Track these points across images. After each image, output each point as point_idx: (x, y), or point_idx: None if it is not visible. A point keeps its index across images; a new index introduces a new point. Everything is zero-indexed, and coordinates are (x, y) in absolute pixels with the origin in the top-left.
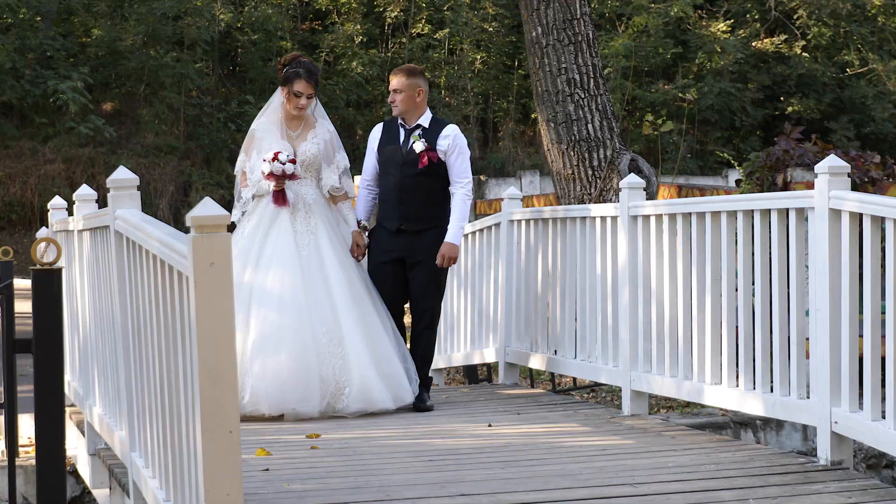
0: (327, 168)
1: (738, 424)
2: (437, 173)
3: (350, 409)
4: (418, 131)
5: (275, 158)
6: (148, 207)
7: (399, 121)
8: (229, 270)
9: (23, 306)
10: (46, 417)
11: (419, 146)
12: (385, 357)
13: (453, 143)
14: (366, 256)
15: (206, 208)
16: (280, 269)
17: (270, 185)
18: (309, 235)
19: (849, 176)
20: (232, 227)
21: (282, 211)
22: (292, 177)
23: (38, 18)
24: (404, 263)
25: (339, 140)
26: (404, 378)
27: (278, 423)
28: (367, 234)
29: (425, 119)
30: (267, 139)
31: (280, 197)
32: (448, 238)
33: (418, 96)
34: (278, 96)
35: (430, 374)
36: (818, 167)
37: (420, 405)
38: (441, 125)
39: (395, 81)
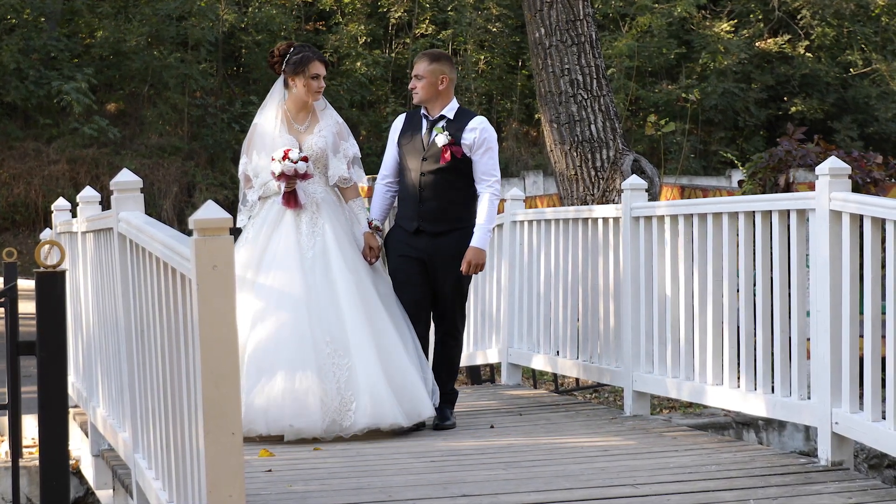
0: (334, 157)
1: (740, 425)
2: (461, 170)
3: (358, 425)
4: (442, 123)
5: (285, 157)
6: (152, 208)
7: (422, 111)
8: (232, 273)
9: (27, 307)
10: (50, 419)
11: (441, 139)
12: (399, 367)
13: (480, 138)
14: (379, 259)
15: (209, 211)
16: (280, 273)
17: (282, 186)
18: (315, 237)
19: (849, 177)
20: (238, 232)
21: (287, 211)
22: (305, 176)
23: (43, 19)
24: (426, 266)
25: (348, 129)
26: (422, 390)
27: None
28: (380, 235)
29: (450, 110)
30: (270, 135)
31: (292, 198)
32: (474, 242)
33: (441, 84)
34: (279, 90)
35: (454, 388)
36: (819, 169)
37: (441, 423)
38: (467, 117)
39: (418, 67)
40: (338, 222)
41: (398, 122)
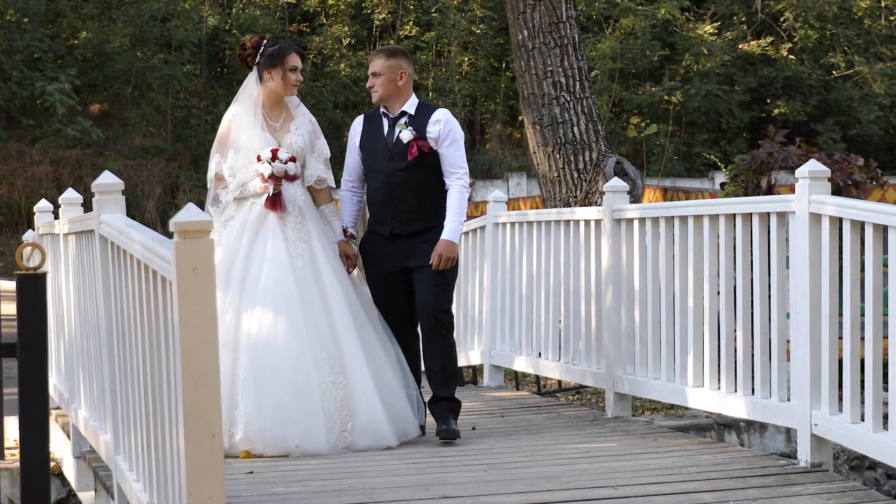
0: (310, 156)
1: (721, 426)
2: (430, 165)
3: (355, 447)
4: (404, 119)
5: (274, 157)
6: (135, 209)
7: (381, 110)
8: (212, 276)
9: (8, 308)
10: (31, 421)
11: (406, 135)
12: (388, 385)
13: (444, 129)
14: (356, 268)
15: (190, 214)
16: (272, 283)
17: (269, 188)
18: (302, 244)
19: (830, 180)
20: None
21: (269, 215)
22: (294, 178)
23: (26, 20)
24: (408, 273)
25: (319, 127)
26: (409, 409)
27: None
28: (354, 242)
29: (410, 105)
30: (246, 132)
31: (276, 201)
32: (445, 235)
33: (400, 80)
34: (253, 84)
35: (455, 395)
36: (799, 172)
37: (446, 434)
38: (429, 110)
39: (374, 64)
40: (321, 228)
41: (357, 125)
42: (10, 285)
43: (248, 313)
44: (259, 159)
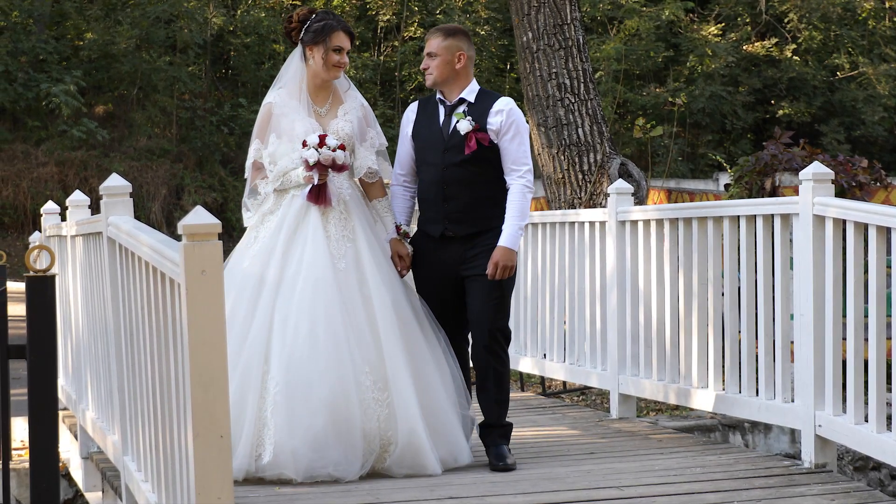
0: (360, 146)
1: (726, 427)
2: (488, 160)
3: (392, 471)
4: (462, 107)
5: (322, 143)
6: (140, 210)
7: (438, 96)
8: (220, 278)
9: (15, 310)
10: (40, 422)
11: (464, 126)
12: (436, 405)
13: (507, 120)
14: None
15: (198, 217)
16: (310, 286)
17: (314, 178)
18: (346, 243)
19: (833, 182)
20: (236, 231)
21: (311, 209)
22: (342, 168)
23: (31, 21)
24: (460, 281)
25: (373, 114)
26: (459, 433)
27: None
28: (408, 241)
29: (470, 92)
30: (288, 117)
31: (321, 193)
32: (502, 241)
33: (458, 62)
34: (297, 63)
35: (507, 420)
36: (802, 174)
37: (498, 464)
38: (491, 98)
39: (430, 44)
40: (368, 225)
41: (410, 113)
42: (17, 286)
43: (281, 320)
44: (304, 145)
